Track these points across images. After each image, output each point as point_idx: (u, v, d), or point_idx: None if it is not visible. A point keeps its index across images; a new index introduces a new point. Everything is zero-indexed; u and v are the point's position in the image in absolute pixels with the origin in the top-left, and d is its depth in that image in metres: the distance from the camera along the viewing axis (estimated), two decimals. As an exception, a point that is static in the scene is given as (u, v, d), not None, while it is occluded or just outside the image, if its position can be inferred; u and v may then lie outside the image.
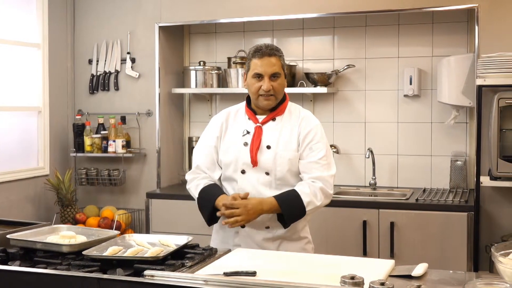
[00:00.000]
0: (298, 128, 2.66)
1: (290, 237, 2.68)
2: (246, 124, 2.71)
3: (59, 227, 2.60)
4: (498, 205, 3.76)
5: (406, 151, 4.28)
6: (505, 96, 3.48)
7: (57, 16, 4.60)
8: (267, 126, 2.68)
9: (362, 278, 1.75)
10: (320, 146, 2.64)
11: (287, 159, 2.63)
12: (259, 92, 2.63)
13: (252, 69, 2.65)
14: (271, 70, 2.62)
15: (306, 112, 2.75)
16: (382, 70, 4.32)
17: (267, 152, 2.64)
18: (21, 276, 2.03)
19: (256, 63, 2.63)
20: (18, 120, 4.37)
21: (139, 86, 4.60)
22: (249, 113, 2.71)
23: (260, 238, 2.66)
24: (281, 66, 2.65)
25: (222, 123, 2.75)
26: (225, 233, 2.74)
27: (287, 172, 2.63)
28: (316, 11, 4.11)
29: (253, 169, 2.64)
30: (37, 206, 4.44)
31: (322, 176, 2.59)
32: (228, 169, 2.70)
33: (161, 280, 1.88)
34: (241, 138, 2.68)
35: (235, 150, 2.67)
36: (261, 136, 2.65)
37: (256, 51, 2.65)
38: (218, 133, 2.74)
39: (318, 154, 2.62)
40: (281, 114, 2.70)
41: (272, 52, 2.65)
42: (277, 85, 2.63)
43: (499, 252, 1.88)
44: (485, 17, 3.70)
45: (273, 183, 2.64)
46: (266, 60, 2.62)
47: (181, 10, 4.39)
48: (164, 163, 4.54)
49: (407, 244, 3.67)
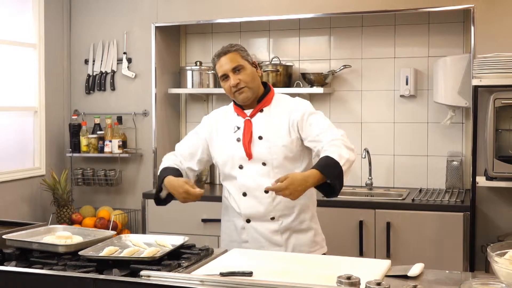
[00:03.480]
0: (288, 114, 2.67)
1: (298, 228, 2.67)
2: (236, 120, 2.74)
3: (55, 227, 2.60)
4: (494, 205, 3.77)
5: (402, 151, 4.29)
6: (501, 97, 3.49)
7: (53, 16, 4.59)
8: (256, 118, 2.71)
9: (359, 278, 1.75)
10: (318, 117, 2.65)
11: (281, 146, 2.63)
12: (232, 90, 2.68)
13: (218, 73, 2.72)
14: (231, 65, 2.67)
15: (294, 98, 2.77)
16: (378, 70, 4.33)
17: (260, 143, 2.66)
18: (17, 276, 2.02)
19: (218, 66, 2.71)
20: (14, 120, 4.36)
21: (135, 86, 4.60)
22: (237, 110, 2.76)
23: (267, 231, 2.65)
24: (242, 58, 2.69)
25: (211, 125, 2.81)
26: (231, 231, 2.75)
27: (283, 159, 2.64)
28: (312, 12, 4.11)
29: (250, 162, 2.66)
30: (33, 206, 4.43)
31: (335, 137, 2.55)
32: (226, 168, 2.72)
33: (157, 280, 1.88)
34: (233, 134, 2.72)
35: (229, 147, 2.70)
36: (252, 129, 2.68)
37: (214, 56, 2.75)
38: (207, 134, 2.80)
39: (320, 124, 2.62)
40: (268, 104, 2.73)
41: (226, 49, 2.71)
42: (243, 76, 2.67)
43: (495, 252, 1.88)
44: (481, 17, 3.71)
45: (271, 173, 2.64)
46: (223, 59, 2.69)
47: (178, 10, 4.39)
48: (160, 164, 4.52)
49: (403, 244, 3.68)
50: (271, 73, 4.30)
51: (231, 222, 2.75)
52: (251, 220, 2.67)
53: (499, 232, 3.69)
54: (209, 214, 4.04)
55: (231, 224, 2.74)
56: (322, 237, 2.80)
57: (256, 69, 2.74)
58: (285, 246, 2.66)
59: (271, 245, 2.66)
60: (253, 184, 2.64)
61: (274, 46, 4.58)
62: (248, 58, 2.73)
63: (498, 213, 3.76)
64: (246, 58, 2.71)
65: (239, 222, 2.70)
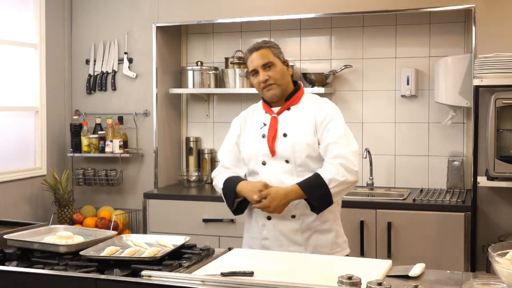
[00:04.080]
0: (313, 113, 2.69)
1: (320, 228, 2.66)
2: (263, 117, 2.77)
3: (56, 227, 2.60)
4: (495, 205, 3.77)
5: (403, 151, 4.29)
6: (502, 97, 3.49)
7: (54, 16, 4.60)
8: (283, 116, 2.72)
9: (360, 278, 1.76)
10: (336, 125, 2.66)
11: (305, 144, 2.64)
12: (261, 86, 2.70)
13: (249, 68, 2.75)
14: (262, 62, 2.69)
15: (322, 99, 2.79)
16: (379, 70, 4.33)
17: (284, 140, 2.67)
18: (18, 276, 2.03)
19: (249, 61, 2.74)
20: (15, 120, 4.36)
21: (136, 86, 4.60)
22: (265, 107, 2.78)
23: (287, 229, 2.65)
24: (273, 55, 2.71)
25: (241, 121, 2.84)
26: (252, 228, 2.75)
27: (306, 158, 2.64)
28: (313, 12, 4.11)
29: (273, 159, 2.67)
30: (34, 206, 4.43)
31: (341, 153, 2.58)
32: (250, 163, 2.74)
33: (158, 280, 1.88)
34: (259, 131, 2.74)
35: (254, 143, 2.73)
36: (277, 126, 2.69)
37: (247, 51, 2.77)
38: (238, 130, 2.82)
39: (335, 133, 2.63)
40: (296, 103, 2.75)
41: (259, 45, 2.74)
42: (273, 73, 2.69)
43: (496, 252, 1.88)
44: (482, 17, 3.71)
45: (294, 171, 2.64)
46: (255, 55, 2.72)
47: (178, 10, 4.39)
48: (161, 163, 4.53)
49: (404, 244, 3.68)
50: (272, 73, 4.29)
51: (253, 218, 2.75)
52: (272, 217, 2.66)
53: (500, 232, 3.69)
54: (210, 214, 4.04)
55: (253, 221, 2.75)
56: (344, 239, 2.77)
57: (287, 67, 2.76)
58: (305, 246, 2.65)
59: (290, 244, 2.65)
60: (275, 180, 2.64)
61: (275, 46, 4.57)
62: (280, 56, 2.74)
63: (499, 213, 3.76)
64: (278, 56, 2.73)
65: (260, 219, 2.70)
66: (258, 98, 2.88)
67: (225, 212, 4.01)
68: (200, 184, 4.52)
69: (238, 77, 4.40)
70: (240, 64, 4.41)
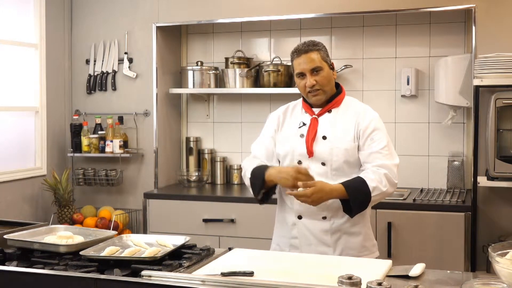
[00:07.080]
0: (356, 120, 2.67)
1: (349, 231, 2.64)
2: (303, 116, 2.74)
3: (56, 227, 2.60)
4: (495, 205, 3.77)
5: (403, 151, 4.28)
6: (502, 97, 3.49)
7: (54, 16, 4.60)
8: (323, 118, 2.70)
9: (360, 278, 1.76)
10: (381, 136, 2.65)
11: (343, 149, 2.62)
12: (306, 90, 2.67)
13: (295, 70, 2.70)
14: (310, 66, 2.65)
15: (364, 105, 2.78)
16: (379, 70, 4.33)
17: (323, 143, 2.65)
18: (18, 276, 2.03)
19: (296, 63, 2.69)
20: (15, 120, 4.36)
21: (136, 86, 4.60)
22: (306, 107, 2.75)
23: (317, 229, 2.63)
24: (321, 59, 2.67)
25: (279, 117, 2.80)
26: (282, 227, 2.73)
27: (343, 162, 2.63)
28: (313, 12, 4.11)
29: (309, 159, 2.65)
30: (35, 206, 4.43)
31: (385, 164, 2.58)
32: (285, 161, 2.71)
33: (158, 280, 1.88)
34: (297, 130, 2.72)
35: (291, 142, 2.70)
36: (317, 127, 2.67)
37: (294, 51, 2.70)
38: (276, 126, 2.79)
39: (379, 144, 2.62)
40: (337, 106, 2.72)
41: (308, 48, 2.68)
42: (320, 78, 2.65)
43: (496, 252, 1.88)
44: (482, 17, 3.71)
45: (329, 174, 2.63)
46: (303, 57, 2.66)
47: (179, 10, 4.39)
48: (161, 163, 4.53)
49: (404, 244, 3.67)
50: (272, 73, 4.30)
51: (283, 217, 2.73)
52: (302, 217, 2.65)
53: (501, 232, 3.69)
54: (210, 214, 4.04)
55: (283, 219, 2.73)
56: (373, 242, 2.75)
57: (333, 70, 2.73)
58: (334, 247, 2.63)
59: (319, 244, 2.63)
60: None
61: (275, 46, 4.58)
62: (327, 59, 2.71)
63: (499, 213, 3.76)
64: (325, 59, 2.69)
65: (290, 218, 2.69)
66: (261, 98, 2.87)
67: (225, 212, 4.04)
68: (200, 184, 4.52)
69: (238, 77, 4.39)
70: (240, 64, 4.41)
